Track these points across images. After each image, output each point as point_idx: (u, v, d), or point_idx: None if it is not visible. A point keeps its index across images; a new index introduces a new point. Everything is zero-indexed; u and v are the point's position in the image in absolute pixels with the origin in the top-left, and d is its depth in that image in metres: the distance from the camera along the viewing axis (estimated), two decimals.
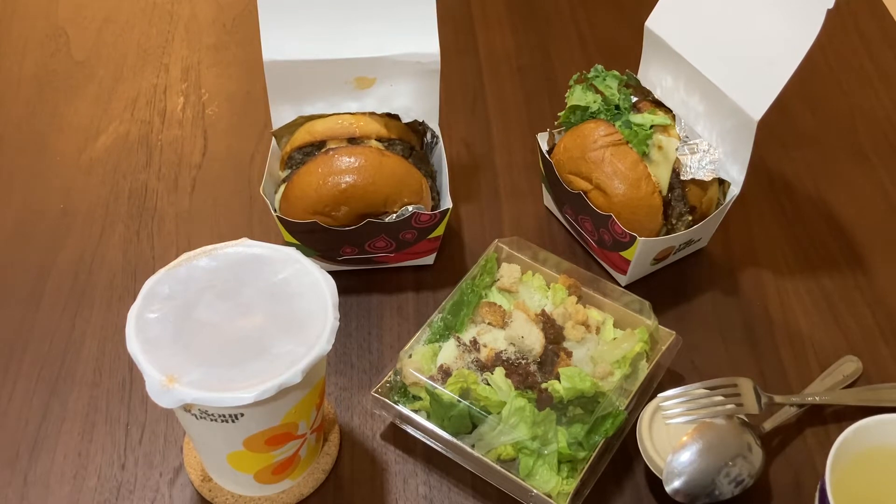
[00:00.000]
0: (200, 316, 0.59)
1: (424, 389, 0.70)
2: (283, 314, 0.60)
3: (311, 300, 0.60)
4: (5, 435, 0.73)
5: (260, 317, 0.59)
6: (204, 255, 0.63)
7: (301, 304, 0.60)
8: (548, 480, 0.67)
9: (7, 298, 0.83)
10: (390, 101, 0.84)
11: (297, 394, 0.60)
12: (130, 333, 0.58)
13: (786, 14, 0.74)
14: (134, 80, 1.04)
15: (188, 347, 0.57)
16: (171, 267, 0.62)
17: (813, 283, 0.86)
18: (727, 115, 0.79)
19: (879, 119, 1.03)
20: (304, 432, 0.64)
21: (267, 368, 0.57)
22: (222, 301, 0.60)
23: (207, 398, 0.55)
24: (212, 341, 0.58)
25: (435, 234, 0.81)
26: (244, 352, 0.58)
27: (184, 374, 0.56)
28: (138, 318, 0.59)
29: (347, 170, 0.77)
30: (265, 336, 0.58)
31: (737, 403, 0.70)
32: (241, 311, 0.60)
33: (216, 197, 0.92)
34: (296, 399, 0.60)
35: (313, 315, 0.60)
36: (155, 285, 0.61)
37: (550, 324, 0.74)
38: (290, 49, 0.80)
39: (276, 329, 0.59)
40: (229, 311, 0.60)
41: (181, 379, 0.56)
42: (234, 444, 0.61)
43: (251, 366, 0.57)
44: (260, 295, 0.61)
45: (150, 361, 0.56)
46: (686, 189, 0.80)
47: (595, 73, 0.84)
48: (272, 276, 0.62)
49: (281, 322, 0.59)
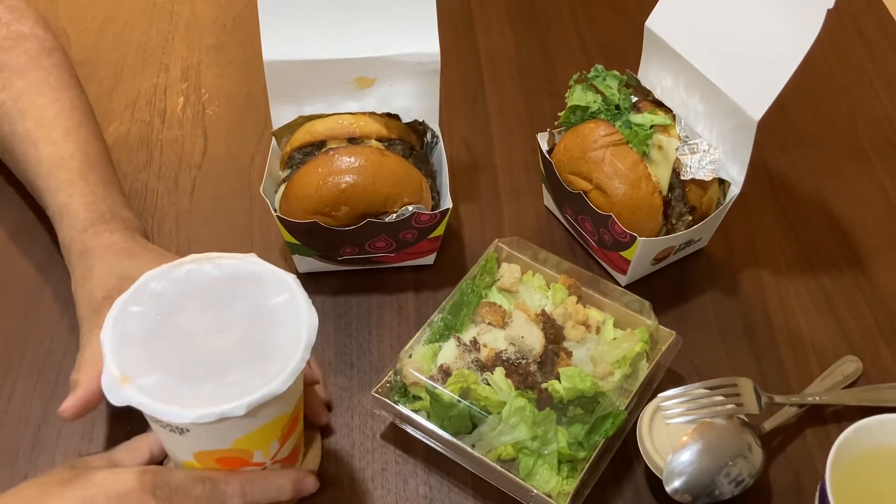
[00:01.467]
0: (180, 322, 0.58)
1: (424, 389, 0.70)
2: (255, 341, 0.58)
3: (287, 334, 0.58)
4: (5, 435, 0.73)
5: (234, 338, 0.58)
6: (208, 261, 0.62)
7: (276, 336, 0.58)
8: (548, 480, 0.67)
9: (7, 298, 0.83)
10: (390, 101, 0.84)
11: (244, 425, 0.57)
12: (108, 322, 0.57)
13: (786, 14, 0.74)
14: (134, 80, 1.04)
15: (154, 350, 0.56)
16: (173, 265, 0.61)
17: (813, 283, 0.86)
18: (727, 115, 0.79)
19: (879, 119, 1.03)
20: (263, 461, 0.62)
21: (216, 393, 0.55)
22: (206, 313, 0.59)
23: (151, 407, 0.54)
24: (179, 350, 0.57)
25: (435, 234, 0.81)
26: (204, 369, 0.56)
27: (140, 375, 0.55)
28: (122, 308, 0.58)
29: (347, 170, 0.77)
30: (230, 359, 0.57)
31: (737, 403, 0.70)
32: (218, 328, 0.58)
33: (216, 197, 0.92)
34: (245, 429, 0.58)
35: (282, 350, 0.57)
36: (150, 280, 0.60)
37: (550, 324, 0.74)
38: (290, 49, 0.80)
39: (242, 355, 0.57)
40: (208, 325, 0.58)
41: (135, 380, 0.54)
42: (185, 453, 0.60)
43: (204, 386, 0.55)
44: (243, 316, 0.59)
45: (115, 355, 0.55)
46: (686, 189, 0.80)
47: (595, 73, 0.84)
48: (263, 300, 0.60)
49: (250, 349, 0.57)
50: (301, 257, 0.82)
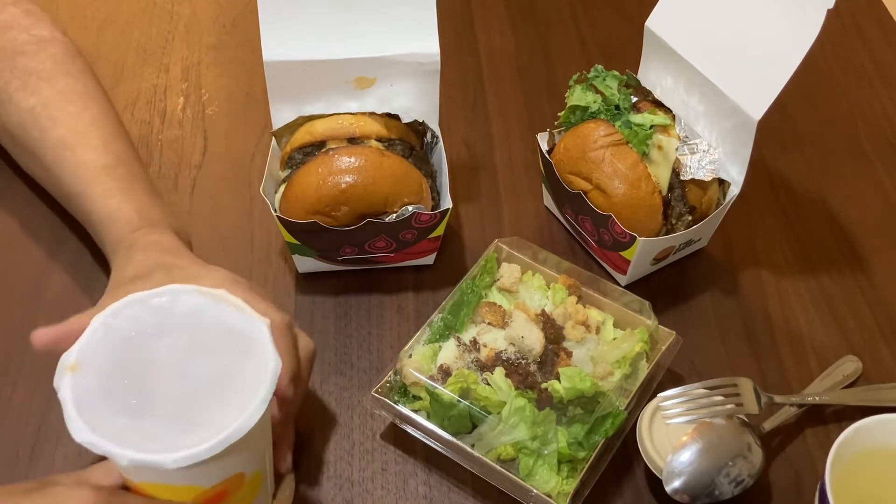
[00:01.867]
0: (156, 350, 0.55)
1: (424, 389, 0.70)
2: (201, 404, 0.54)
3: (238, 399, 0.54)
4: (5, 435, 0.73)
5: (187, 390, 0.54)
6: (198, 294, 0.58)
7: (229, 398, 0.54)
8: (548, 480, 0.67)
9: (7, 298, 0.83)
10: (390, 101, 0.84)
11: (172, 479, 0.54)
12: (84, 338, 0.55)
13: (786, 14, 0.74)
14: (134, 80, 1.04)
15: (115, 368, 0.54)
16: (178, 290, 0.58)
17: (813, 283, 0.86)
18: (727, 115, 0.79)
19: (879, 119, 1.03)
20: None
21: (137, 441, 0.51)
22: (179, 352, 0.56)
23: (87, 436, 0.52)
24: (137, 378, 0.54)
25: (435, 234, 0.81)
26: (145, 409, 0.53)
27: (89, 389, 0.53)
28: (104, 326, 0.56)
29: (347, 170, 0.77)
30: (185, 409, 0.53)
31: (737, 403, 0.70)
32: (177, 374, 0.55)
33: (216, 197, 0.92)
34: (175, 481, 0.55)
35: (223, 413, 0.53)
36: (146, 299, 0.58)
37: (550, 324, 0.74)
38: (290, 49, 0.80)
39: (188, 408, 0.53)
40: (174, 366, 0.55)
41: (83, 386, 0.53)
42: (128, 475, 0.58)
43: (142, 426, 0.52)
44: (206, 376, 0.55)
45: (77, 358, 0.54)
46: (686, 189, 0.80)
47: (595, 73, 0.84)
48: (232, 358, 0.55)
49: (197, 406, 0.54)
50: (301, 257, 0.82)
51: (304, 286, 0.84)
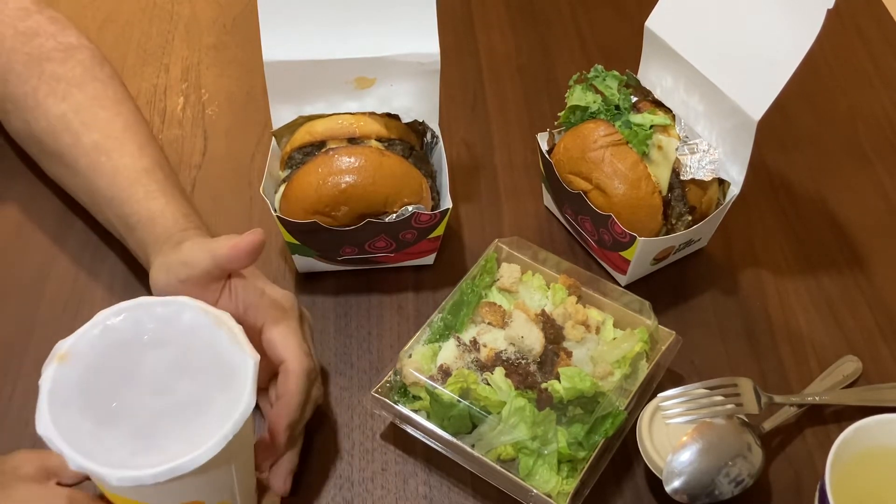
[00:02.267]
0: (144, 360, 0.56)
1: (424, 389, 0.70)
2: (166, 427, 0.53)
3: (202, 431, 0.53)
4: (5, 435, 0.73)
5: (159, 408, 0.54)
6: (202, 312, 0.59)
7: (194, 428, 0.54)
8: (548, 480, 0.67)
9: (7, 298, 0.83)
10: (390, 101, 0.84)
11: (125, 493, 0.54)
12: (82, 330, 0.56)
13: (786, 14, 0.74)
14: (134, 80, 1.04)
15: (100, 368, 0.55)
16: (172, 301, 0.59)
17: (813, 283, 0.86)
18: (727, 115, 0.79)
19: (879, 119, 1.03)
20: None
21: (92, 449, 0.52)
22: (164, 367, 0.56)
23: (47, 430, 0.52)
24: (116, 383, 0.55)
25: (435, 234, 0.81)
26: (112, 418, 0.53)
27: (70, 382, 0.54)
28: (104, 323, 0.57)
29: (347, 170, 0.77)
30: (150, 427, 0.53)
31: (737, 403, 0.70)
32: (155, 389, 0.55)
33: (216, 197, 0.92)
34: (128, 495, 0.55)
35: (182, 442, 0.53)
36: (152, 305, 0.58)
37: (550, 324, 0.74)
38: (290, 49, 0.80)
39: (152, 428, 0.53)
40: (155, 380, 0.55)
41: (65, 377, 0.54)
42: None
43: (102, 434, 0.52)
44: (181, 399, 0.55)
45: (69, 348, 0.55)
46: (686, 189, 0.80)
47: (595, 74, 0.84)
48: (210, 386, 0.55)
49: (161, 428, 0.53)
50: (301, 257, 0.82)
51: (304, 286, 0.84)
